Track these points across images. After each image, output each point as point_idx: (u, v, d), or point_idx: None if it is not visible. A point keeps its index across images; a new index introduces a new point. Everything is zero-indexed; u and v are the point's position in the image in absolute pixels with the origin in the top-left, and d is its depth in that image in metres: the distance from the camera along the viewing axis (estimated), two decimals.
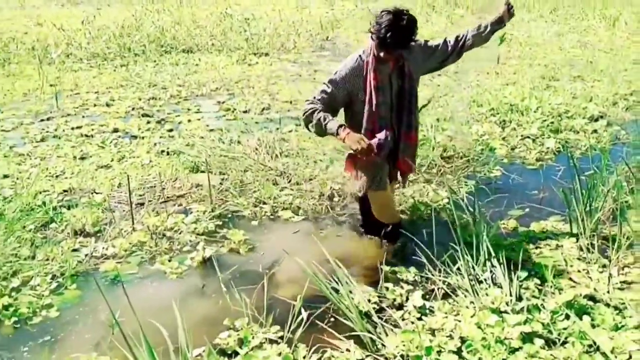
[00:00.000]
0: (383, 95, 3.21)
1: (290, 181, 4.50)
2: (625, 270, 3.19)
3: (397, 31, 2.96)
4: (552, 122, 5.69)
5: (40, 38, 10.17)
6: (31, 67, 8.42)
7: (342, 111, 3.38)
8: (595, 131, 5.55)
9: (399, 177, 3.57)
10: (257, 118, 6.24)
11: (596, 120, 5.84)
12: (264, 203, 4.17)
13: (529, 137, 5.36)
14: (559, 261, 3.28)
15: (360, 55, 3.22)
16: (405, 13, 3.01)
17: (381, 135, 3.18)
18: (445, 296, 3.02)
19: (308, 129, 3.30)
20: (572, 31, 10.79)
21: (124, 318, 2.60)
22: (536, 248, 3.47)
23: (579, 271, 3.19)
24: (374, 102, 3.20)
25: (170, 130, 5.83)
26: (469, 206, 3.60)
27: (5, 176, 4.59)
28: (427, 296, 3.04)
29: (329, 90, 3.21)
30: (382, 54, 3.08)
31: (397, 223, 3.62)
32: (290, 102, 6.77)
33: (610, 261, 3.19)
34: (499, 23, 3.48)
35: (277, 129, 5.58)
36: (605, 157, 4.25)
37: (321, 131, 3.20)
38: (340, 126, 3.11)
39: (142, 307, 2.86)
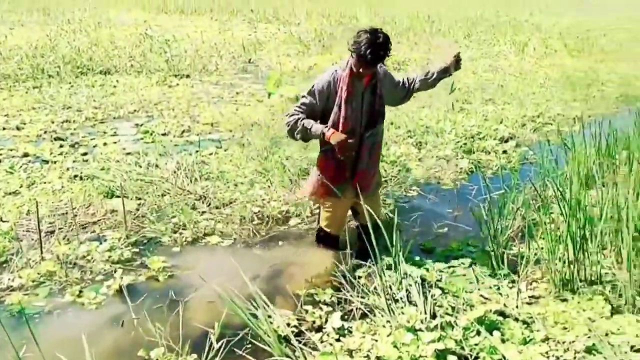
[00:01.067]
0: (352, 108, 3.41)
1: (210, 205, 4.44)
2: (533, 285, 3.34)
3: (375, 47, 3.19)
4: (465, 144, 5.93)
5: None
6: None
7: None
8: (505, 152, 5.82)
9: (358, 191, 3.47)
10: (177, 141, 6.14)
11: (506, 141, 6.14)
12: (184, 228, 4.10)
13: (443, 158, 5.55)
14: (470, 278, 3.40)
15: (336, 70, 3.44)
16: (380, 31, 3.26)
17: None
18: (363, 316, 3.06)
19: (293, 137, 3.51)
20: (484, 56, 11.32)
21: (30, 354, 2.47)
22: (450, 267, 3.58)
23: (490, 287, 3.31)
24: (342, 113, 3.40)
25: (85, 154, 5.63)
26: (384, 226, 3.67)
27: None
28: (346, 317, 3.07)
29: (307, 101, 3.44)
30: (360, 70, 3.29)
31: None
32: (212, 125, 6.72)
33: (519, 277, 3.34)
34: (445, 72, 3.66)
35: (197, 151, 5.51)
36: (515, 176, 4.47)
37: (307, 136, 3.45)
38: (325, 127, 3.37)
39: (49, 341, 2.73)
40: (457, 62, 3.63)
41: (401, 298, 3.12)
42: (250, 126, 6.42)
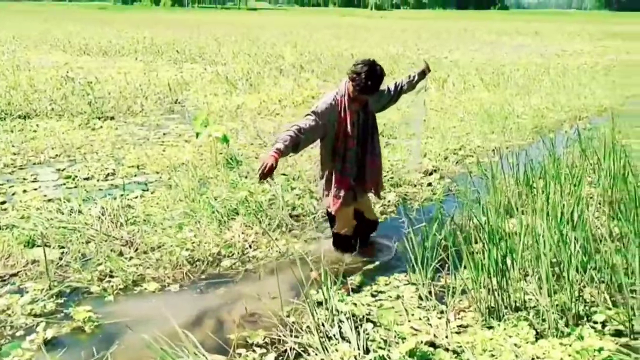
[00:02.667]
0: (353, 129, 4.01)
1: (137, 250, 4.33)
2: (461, 315, 3.44)
3: (374, 78, 3.83)
4: (392, 177, 6.09)
5: None
6: None
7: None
8: (430, 184, 6.02)
9: (371, 193, 4.38)
10: (101, 185, 5.98)
11: (430, 174, 6.35)
12: (111, 276, 3.97)
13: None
14: (400, 311, 3.46)
15: (335, 95, 4.01)
16: (376, 63, 3.89)
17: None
18: (298, 356, 3.04)
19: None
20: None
21: None
22: (378, 300, 3.63)
23: (419, 318, 3.38)
24: (349, 134, 4.01)
25: (3, 202, 5.38)
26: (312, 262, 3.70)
27: None
28: (280, 358, 3.05)
29: (312, 117, 3.93)
30: (357, 95, 3.88)
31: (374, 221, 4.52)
32: (137, 167, 6.59)
33: (447, 307, 3.43)
34: (422, 75, 4.58)
35: (122, 195, 5.38)
36: (439, 208, 4.62)
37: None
38: (276, 150, 3.73)
39: None
40: (427, 67, 4.65)
41: (334, 335, 3.13)
42: (178, 167, 6.34)
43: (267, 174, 3.66)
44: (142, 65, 15.95)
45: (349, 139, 4.04)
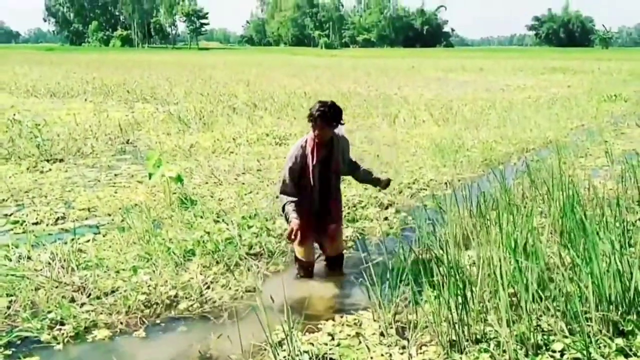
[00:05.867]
0: (313, 172, 4.37)
1: (90, 296, 4.18)
2: (423, 349, 3.43)
3: (322, 108, 4.21)
4: (349, 213, 6.11)
5: None
6: None
7: None
8: (386, 218, 6.07)
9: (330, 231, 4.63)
10: (50, 229, 5.79)
11: (386, 208, 6.41)
12: (62, 323, 3.81)
13: None
14: (362, 349, 3.43)
15: (306, 140, 4.41)
16: (329, 102, 4.32)
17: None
18: None
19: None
20: (359, 128, 11.89)
21: None
22: (339, 339, 3.59)
23: (382, 355, 3.36)
24: (311, 177, 4.39)
25: None
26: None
27: None
28: None
29: (287, 172, 4.41)
30: (315, 132, 4.26)
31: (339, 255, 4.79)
32: (88, 210, 6.42)
33: (409, 341, 3.42)
34: (377, 182, 4.86)
35: (73, 239, 5.20)
36: (399, 241, 4.65)
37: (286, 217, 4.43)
38: (295, 217, 4.31)
39: None
40: (387, 184, 4.86)
41: None
42: (131, 208, 6.20)
43: (296, 235, 4.31)
44: (91, 106, 15.70)
45: (309, 181, 4.41)
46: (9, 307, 4.01)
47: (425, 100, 17.25)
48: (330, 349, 3.43)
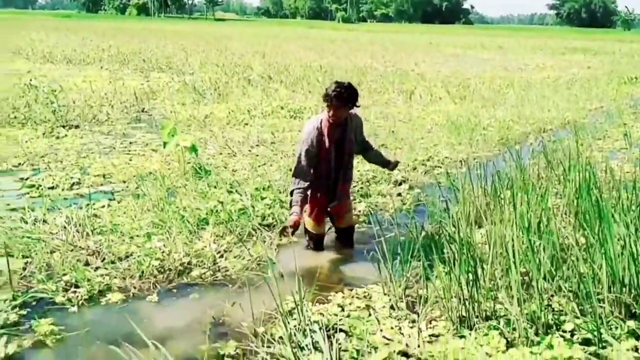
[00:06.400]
0: (328, 152, 4.35)
1: (104, 260, 4.23)
2: (433, 324, 3.45)
3: (339, 88, 4.14)
4: (362, 188, 6.11)
5: None
6: None
7: None
8: (399, 194, 6.05)
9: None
10: (66, 194, 5.85)
11: (400, 184, 6.39)
12: (77, 286, 3.87)
13: None
14: (371, 321, 3.45)
15: (318, 124, 4.32)
16: (346, 82, 4.24)
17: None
18: None
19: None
20: (375, 104, 11.82)
21: None
22: (349, 311, 3.62)
23: (391, 328, 3.38)
24: (325, 157, 4.37)
25: None
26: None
27: None
28: None
29: (303, 162, 4.34)
30: (330, 113, 4.20)
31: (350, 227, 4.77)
32: (103, 176, 6.46)
33: (419, 316, 3.43)
34: (387, 164, 4.86)
35: (88, 204, 5.26)
36: (411, 218, 4.65)
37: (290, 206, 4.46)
38: (295, 213, 4.32)
39: None
40: (394, 167, 4.89)
41: (307, 345, 3.10)
42: (145, 176, 6.24)
43: (293, 230, 4.36)
44: (107, 74, 15.73)
45: (324, 162, 4.39)
46: (24, 269, 4.08)
47: (442, 77, 17.08)
48: (340, 320, 3.46)
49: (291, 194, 4.42)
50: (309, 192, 4.45)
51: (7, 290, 3.76)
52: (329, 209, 4.60)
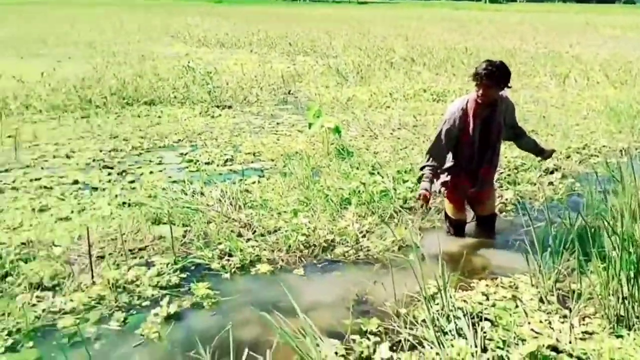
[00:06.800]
0: (474, 136, 4.15)
1: (255, 232, 4.48)
2: (587, 321, 3.25)
3: (490, 66, 3.94)
4: (509, 175, 5.87)
5: None
6: None
7: None
8: (551, 183, 5.74)
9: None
10: (220, 169, 6.25)
11: (551, 172, 6.05)
12: (230, 255, 4.14)
13: None
14: (519, 312, 3.33)
15: (464, 104, 4.14)
16: (498, 61, 4.03)
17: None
18: (412, 348, 3.02)
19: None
20: (524, 87, 11.25)
21: None
22: (494, 300, 3.51)
23: (540, 322, 3.24)
24: (469, 140, 4.16)
25: (132, 181, 5.77)
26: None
27: None
28: (394, 348, 3.04)
29: (442, 142, 4.20)
30: (480, 92, 4.00)
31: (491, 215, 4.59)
32: (254, 154, 6.81)
33: (571, 311, 3.26)
34: (541, 153, 4.54)
35: (240, 180, 5.58)
36: (565, 208, 4.40)
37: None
38: (424, 189, 4.20)
39: None
40: (549, 156, 4.58)
41: (450, 330, 3.07)
42: (292, 156, 6.49)
43: (422, 204, 4.30)
44: (256, 57, 16.44)
45: (468, 144, 4.19)
46: (184, 236, 4.43)
47: (600, 60, 15.82)
48: (485, 309, 3.38)
49: (422, 169, 4.31)
50: (448, 177, 4.32)
51: (170, 255, 4.10)
52: (469, 194, 4.45)
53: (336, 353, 2.92)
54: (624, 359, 2.88)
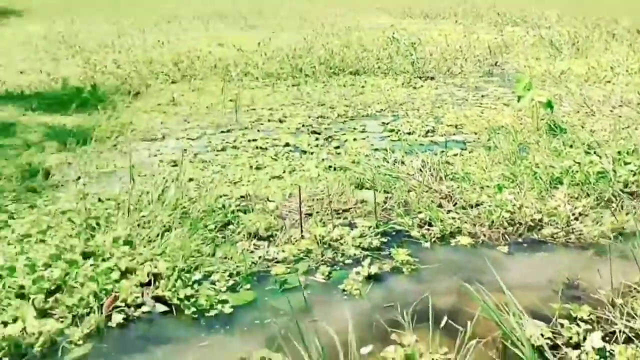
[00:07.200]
0: None
1: (455, 205, 4.42)
2: None
3: None
4: None
5: (221, 57, 11.03)
6: (213, 84, 9.16)
7: None
8: None
9: None
10: (421, 140, 6.24)
11: None
12: (430, 225, 4.14)
13: None
14: None
15: None
16: None
17: None
18: (628, 340, 2.77)
19: None
20: None
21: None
22: None
23: None
24: None
25: (337, 147, 6.02)
26: None
27: (190, 179, 5.01)
28: (607, 338, 2.81)
29: None
30: None
31: None
32: (455, 126, 6.68)
33: None
34: None
35: (442, 151, 5.52)
36: None
37: None
38: None
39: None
40: None
41: None
42: (497, 129, 6.24)
43: None
44: (461, 28, 15.96)
45: None
46: (385, 202, 4.52)
47: None
48: None
49: None
50: None
51: (372, 219, 4.22)
52: None
53: (542, 335, 2.79)
54: None
